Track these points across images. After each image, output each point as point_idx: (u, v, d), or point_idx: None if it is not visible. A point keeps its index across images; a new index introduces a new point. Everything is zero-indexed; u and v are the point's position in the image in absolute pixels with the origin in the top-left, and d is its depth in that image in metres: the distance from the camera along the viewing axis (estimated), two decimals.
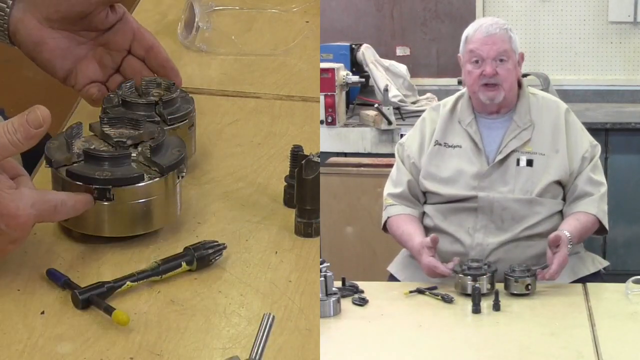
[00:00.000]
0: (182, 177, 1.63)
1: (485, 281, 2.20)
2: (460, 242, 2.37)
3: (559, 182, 2.40)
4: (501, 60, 2.40)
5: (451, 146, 2.44)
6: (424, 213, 2.48)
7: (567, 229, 2.32)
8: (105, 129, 1.64)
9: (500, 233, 2.38)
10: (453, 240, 2.38)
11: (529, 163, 2.40)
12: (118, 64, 1.79)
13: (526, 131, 2.42)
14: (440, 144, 2.45)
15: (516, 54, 2.44)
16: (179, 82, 1.80)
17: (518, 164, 2.40)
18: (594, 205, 2.39)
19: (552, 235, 2.29)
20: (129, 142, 1.63)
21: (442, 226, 2.40)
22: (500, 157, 2.40)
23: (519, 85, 2.48)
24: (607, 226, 2.43)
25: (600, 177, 2.44)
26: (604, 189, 2.43)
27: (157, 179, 1.58)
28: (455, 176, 2.41)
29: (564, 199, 2.43)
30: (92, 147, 1.60)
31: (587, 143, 2.45)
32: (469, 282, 2.20)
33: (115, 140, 1.62)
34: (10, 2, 1.69)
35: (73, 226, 1.60)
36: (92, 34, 1.76)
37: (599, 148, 2.48)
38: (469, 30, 2.46)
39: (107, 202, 1.56)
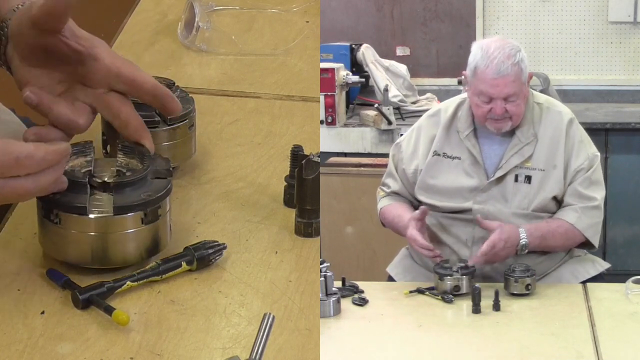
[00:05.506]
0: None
1: (465, 281, 2.20)
2: (458, 255, 2.34)
3: (555, 198, 2.34)
4: (512, 101, 2.31)
5: (450, 157, 2.38)
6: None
7: (525, 226, 2.28)
8: (120, 156, 1.62)
9: None
10: (451, 252, 2.35)
11: (528, 179, 2.33)
12: (93, 102, 1.65)
13: (529, 146, 2.34)
14: (439, 154, 2.39)
15: (526, 81, 2.33)
16: (177, 107, 1.69)
17: (516, 179, 2.33)
18: (573, 214, 2.32)
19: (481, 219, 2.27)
20: (128, 173, 1.59)
21: (440, 237, 2.38)
22: (499, 173, 2.34)
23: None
24: (594, 242, 2.34)
25: (593, 192, 2.34)
26: (593, 202, 2.33)
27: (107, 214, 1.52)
28: (453, 190, 2.36)
29: None
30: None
31: (584, 156, 2.35)
32: (449, 282, 2.20)
33: (117, 168, 1.60)
34: (5, 41, 1.66)
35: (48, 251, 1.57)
36: (69, 69, 1.65)
37: (597, 158, 2.38)
38: (478, 61, 2.32)
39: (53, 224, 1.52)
